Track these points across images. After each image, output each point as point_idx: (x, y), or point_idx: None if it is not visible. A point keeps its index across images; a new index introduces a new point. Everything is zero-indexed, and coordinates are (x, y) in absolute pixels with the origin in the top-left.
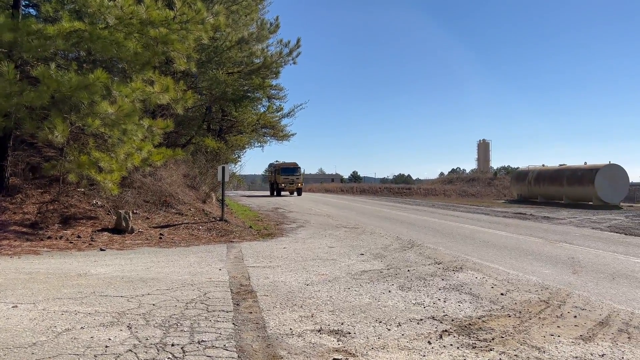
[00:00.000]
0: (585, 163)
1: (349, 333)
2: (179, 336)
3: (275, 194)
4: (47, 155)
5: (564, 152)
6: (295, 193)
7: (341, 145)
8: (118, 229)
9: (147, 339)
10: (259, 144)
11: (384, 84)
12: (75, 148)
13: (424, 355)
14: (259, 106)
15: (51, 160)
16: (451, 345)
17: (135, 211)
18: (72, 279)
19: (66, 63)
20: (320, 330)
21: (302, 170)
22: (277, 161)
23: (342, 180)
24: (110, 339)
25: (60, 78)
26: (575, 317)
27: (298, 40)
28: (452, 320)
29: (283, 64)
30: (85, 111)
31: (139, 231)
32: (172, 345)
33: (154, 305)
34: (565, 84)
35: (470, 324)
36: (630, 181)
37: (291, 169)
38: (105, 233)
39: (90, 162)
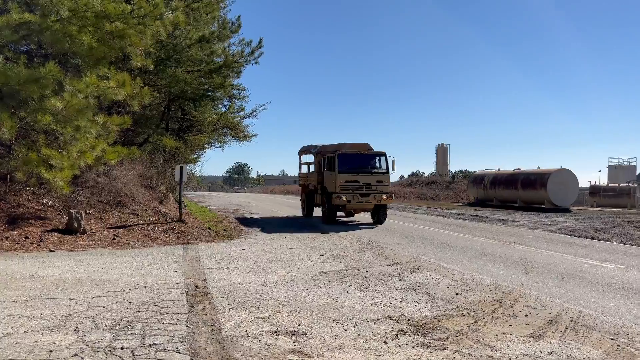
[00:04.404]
0: (539, 167)
1: (306, 334)
2: (130, 339)
3: (324, 217)
4: None
5: (519, 156)
6: (371, 216)
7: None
8: (69, 230)
9: (95, 343)
10: (220, 144)
11: (346, 88)
12: (24, 145)
13: (380, 355)
14: (220, 106)
15: None
16: (407, 344)
17: (88, 211)
18: (17, 282)
19: (15, 56)
20: (276, 332)
21: (389, 163)
22: (313, 145)
23: None
24: (55, 343)
25: (9, 71)
26: (526, 315)
27: (260, 41)
28: (408, 320)
29: (245, 63)
30: (34, 106)
31: (91, 232)
32: (122, 348)
33: (104, 307)
34: (519, 90)
35: (425, 324)
36: (580, 185)
37: (365, 158)
38: (56, 234)
39: (39, 160)
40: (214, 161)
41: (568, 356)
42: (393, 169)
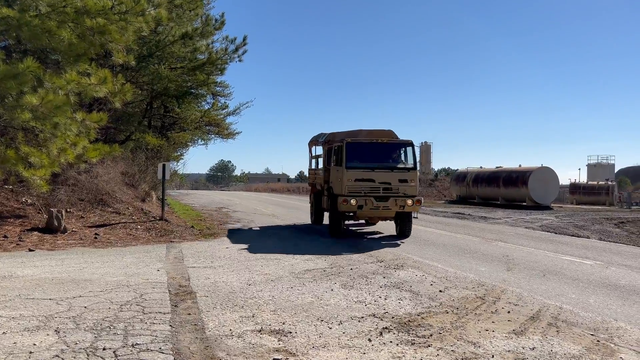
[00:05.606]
0: (520, 165)
1: (290, 332)
2: (112, 340)
3: (332, 224)
4: None
5: (500, 154)
6: (394, 225)
7: (288, 145)
8: (50, 229)
9: (76, 344)
10: (203, 141)
11: (329, 85)
12: (2, 142)
13: (364, 353)
14: (203, 103)
15: None
16: (391, 342)
17: (68, 210)
18: None
19: None
20: (260, 331)
21: (415, 154)
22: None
23: (288, 180)
24: (35, 345)
25: None
26: (508, 312)
27: (244, 38)
28: (393, 317)
29: (229, 60)
30: (12, 103)
31: (72, 231)
32: (104, 349)
33: (85, 307)
34: (505, 88)
35: (409, 321)
36: (560, 183)
37: (383, 149)
38: (35, 233)
39: (18, 158)
40: (198, 159)
41: (549, 352)
42: (421, 162)
